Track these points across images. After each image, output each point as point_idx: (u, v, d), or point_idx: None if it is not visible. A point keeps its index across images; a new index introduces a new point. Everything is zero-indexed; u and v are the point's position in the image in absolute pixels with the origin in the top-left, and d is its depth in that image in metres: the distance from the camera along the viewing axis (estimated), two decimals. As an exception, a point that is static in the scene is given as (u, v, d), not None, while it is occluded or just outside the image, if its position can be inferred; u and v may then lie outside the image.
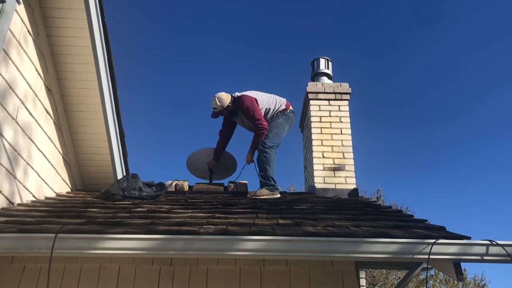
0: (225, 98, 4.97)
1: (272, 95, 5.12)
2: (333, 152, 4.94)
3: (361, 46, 29.06)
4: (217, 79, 27.83)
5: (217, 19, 28.45)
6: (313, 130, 5.06)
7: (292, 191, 14.12)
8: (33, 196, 3.99)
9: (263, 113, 4.92)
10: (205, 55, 29.08)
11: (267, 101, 5.01)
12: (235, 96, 5.02)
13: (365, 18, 27.79)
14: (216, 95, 5.00)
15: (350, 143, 4.99)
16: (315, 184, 4.80)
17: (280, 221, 3.20)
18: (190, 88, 29.64)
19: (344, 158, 4.91)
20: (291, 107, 5.14)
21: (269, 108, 4.98)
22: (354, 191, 4.74)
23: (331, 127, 5.07)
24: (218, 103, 4.95)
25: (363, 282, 4.16)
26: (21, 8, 3.68)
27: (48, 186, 4.31)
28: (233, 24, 29.35)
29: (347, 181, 4.81)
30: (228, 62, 29.98)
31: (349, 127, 5.07)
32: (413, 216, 3.75)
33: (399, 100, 28.60)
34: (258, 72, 29.36)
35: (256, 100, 4.92)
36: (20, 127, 3.73)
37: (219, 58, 29.42)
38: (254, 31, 29.60)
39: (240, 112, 5.00)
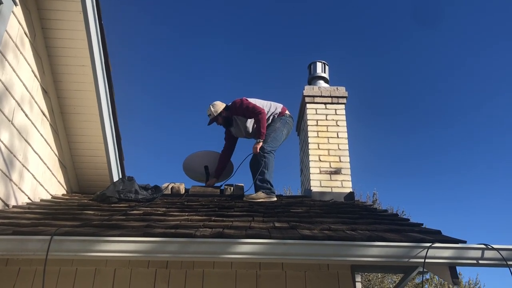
0: (219, 104, 5.10)
1: (268, 101, 5.16)
2: (330, 155, 4.95)
3: (359, 48, 29.23)
4: (214, 83, 27.86)
5: (216, 21, 28.52)
6: (309, 134, 5.07)
7: (288, 194, 14.12)
8: (29, 198, 3.97)
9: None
10: (204, 57, 29.15)
11: (260, 104, 5.04)
12: (229, 104, 5.12)
13: (363, 20, 27.92)
14: (211, 103, 5.12)
15: (347, 146, 5.00)
16: (312, 188, 4.80)
17: (277, 224, 3.20)
18: (189, 89, 29.65)
19: (340, 161, 4.92)
20: (287, 112, 5.15)
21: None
22: (350, 195, 4.74)
23: (327, 131, 5.08)
24: (212, 109, 5.07)
25: (359, 285, 4.15)
26: (18, 10, 3.68)
27: (44, 188, 4.29)
28: (231, 27, 29.39)
29: (343, 184, 4.82)
30: (226, 65, 30.03)
31: (346, 130, 5.08)
32: (409, 220, 3.77)
33: (396, 103, 28.71)
34: (256, 74, 29.42)
35: (250, 102, 5.01)
36: (16, 130, 3.72)
37: (217, 61, 29.47)
38: (251, 34, 29.66)
39: (235, 115, 5.04)
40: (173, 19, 27.40)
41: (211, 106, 5.08)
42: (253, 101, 5.03)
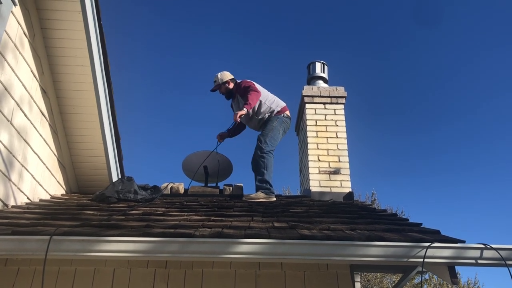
0: (227, 74, 5.16)
1: (273, 95, 5.16)
2: (329, 155, 4.95)
3: (358, 47, 29.21)
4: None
5: (217, 20, 28.55)
6: (308, 134, 5.07)
7: (287, 194, 14.12)
8: (28, 198, 3.97)
9: (256, 103, 4.95)
10: (204, 55, 29.16)
11: (266, 95, 5.06)
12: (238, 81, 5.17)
13: (363, 19, 27.92)
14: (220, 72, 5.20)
15: (346, 146, 5.00)
16: (311, 188, 4.80)
17: (276, 224, 3.21)
18: (188, 88, 29.65)
19: (339, 161, 4.92)
20: (287, 113, 5.13)
21: (264, 103, 5.01)
22: (350, 195, 4.75)
23: (326, 131, 5.09)
24: (219, 77, 5.14)
25: (358, 285, 4.15)
26: (17, 10, 3.68)
27: (43, 188, 4.29)
28: (231, 26, 29.40)
29: (342, 184, 4.82)
30: (227, 63, 30.06)
31: (345, 130, 5.08)
32: (408, 219, 3.77)
33: (396, 103, 28.72)
34: (256, 73, 29.44)
35: (255, 85, 5.02)
36: (16, 130, 3.72)
37: (218, 59, 29.45)
38: (251, 33, 29.67)
39: (237, 94, 5.07)
40: (174, 14, 27.40)
41: (219, 74, 5.15)
42: (259, 88, 5.03)
